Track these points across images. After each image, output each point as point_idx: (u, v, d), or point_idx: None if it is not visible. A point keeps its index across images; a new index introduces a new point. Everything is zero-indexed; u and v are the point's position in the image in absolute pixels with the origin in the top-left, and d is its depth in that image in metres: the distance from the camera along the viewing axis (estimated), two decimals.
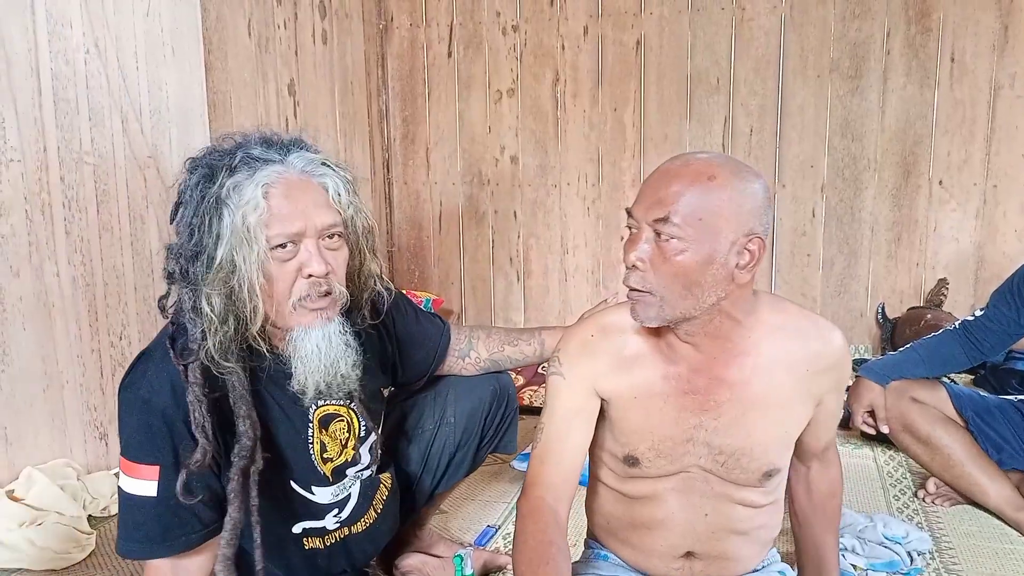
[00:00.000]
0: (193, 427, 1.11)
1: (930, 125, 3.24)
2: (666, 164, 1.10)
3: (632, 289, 1.08)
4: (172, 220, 1.19)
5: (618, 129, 3.54)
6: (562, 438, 1.19)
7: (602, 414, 1.22)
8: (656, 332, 1.16)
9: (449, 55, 3.67)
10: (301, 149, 1.19)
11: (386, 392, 1.55)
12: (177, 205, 1.18)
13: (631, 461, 1.19)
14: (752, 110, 3.39)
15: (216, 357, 1.12)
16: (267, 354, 1.20)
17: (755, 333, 1.13)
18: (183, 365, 1.13)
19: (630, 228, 1.10)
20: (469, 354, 1.53)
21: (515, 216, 3.71)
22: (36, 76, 1.98)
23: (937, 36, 3.19)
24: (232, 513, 1.15)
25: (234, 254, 1.10)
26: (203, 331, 1.12)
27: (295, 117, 3.04)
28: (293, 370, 1.19)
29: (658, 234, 1.05)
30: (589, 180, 3.60)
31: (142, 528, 1.15)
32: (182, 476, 1.11)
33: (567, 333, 1.25)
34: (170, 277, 1.18)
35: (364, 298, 1.30)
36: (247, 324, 1.15)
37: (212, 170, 1.14)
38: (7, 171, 1.92)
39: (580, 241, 3.65)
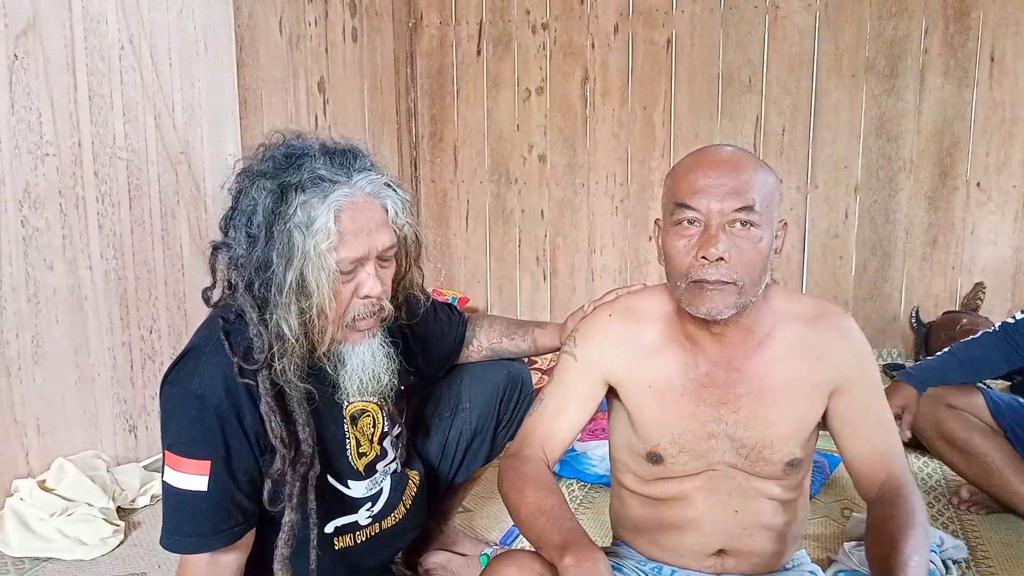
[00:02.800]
0: (271, 437, 1.13)
1: (968, 125, 3.18)
2: (713, 155, 1.11)
3: (716, 281, 1.06)
4: (224, 225, 1.18)
5: (648, 128, 3.51)
6: (559, 413, 1.21)
7: (620, 412, 1.22)
8: (678, 323, 1.17)
9: (478, 53, 3.66)
10: (363, 166, 1.18)
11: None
12: (232, 211, 1.17)
13: (654, 458, 1.18)
14: (785, 109, 3.34)
15: (291, 376, 1.14)
16: (330, 373, 1.21)
17: (770, 321, 1.16)
18: (242, 366, 1.13)
19: (688, 222, 1.08)
20: (472, 342, 1.56)
21: (542, 215, 3.69)
22: (72, 72, 2.01)
23: (976, 35, 3.12)
24: (291, 515, 1.17)
25: (306, 277, 1.11)
26: (270, 350, 1.13)
27: (324, 115, 3.05)
28: (339, 380, 1.21)
29: (736, 223, 1.06)
30: (617, 179, 3.58)
31: (191, 522, 1.15)
32: (268, 485, 1.15)
33: (588, 316, 1.26)
34: (231, 286, 1.17)
35: (399, 301, 1.32)
36: (315, 345, 1.17)
37: (281, 188, 1.13)
38: (43, 165, 1.94)
39: (608, 241, 3.63)
